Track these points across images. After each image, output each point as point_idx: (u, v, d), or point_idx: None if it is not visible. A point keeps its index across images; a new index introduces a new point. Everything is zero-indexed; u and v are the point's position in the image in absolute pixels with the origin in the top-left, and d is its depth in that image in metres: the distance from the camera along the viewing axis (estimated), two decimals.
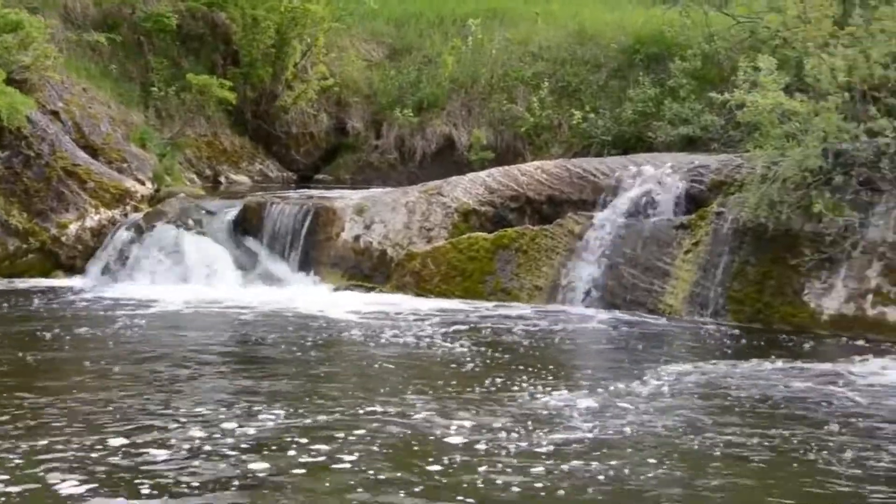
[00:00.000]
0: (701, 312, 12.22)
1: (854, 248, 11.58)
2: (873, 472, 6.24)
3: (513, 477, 6.01)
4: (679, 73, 15.16)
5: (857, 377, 9.02)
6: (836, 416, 7.59)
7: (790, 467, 6.35)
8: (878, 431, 7.21)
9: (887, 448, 6.72)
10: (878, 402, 8.09)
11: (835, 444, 6.78)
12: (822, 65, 11.68)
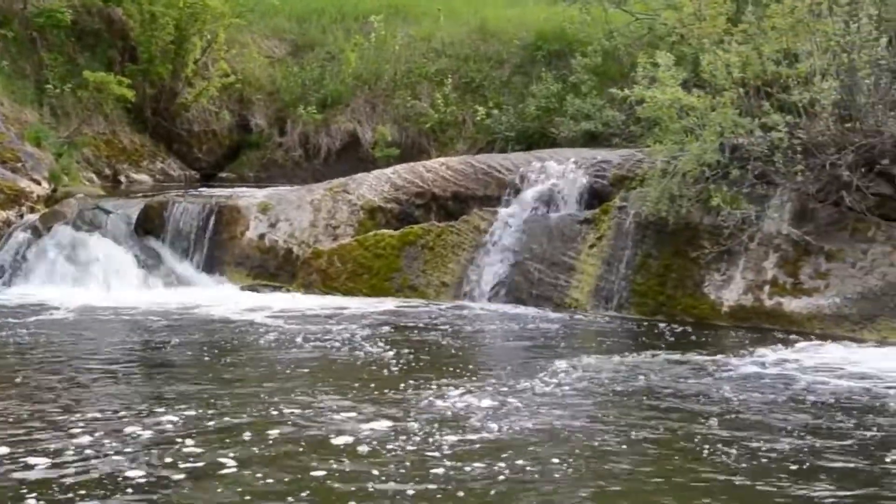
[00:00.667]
0: (606, 306, 12.39)
1: (751, 241, 11.87)
2: (764, 464, 6.28)
3: (408, 482, 5.82)
4: (580, 70, 15.34)
5: (752, 367, 9.17)
6: (731, 406, 7.66)
7: (688, 460, 6.36)
8: (769, 422, 7.29)
9: (780, 438, 6.86)
10: (772, 392, 8.21)
11: (729, 436, 6.81)
12: (718, 61, 11.93)
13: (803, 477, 5.96)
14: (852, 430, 7.00)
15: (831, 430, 7.02)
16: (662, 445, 6.63)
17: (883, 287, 11.10)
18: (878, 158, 11.40)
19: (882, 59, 11.32)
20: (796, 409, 7.59)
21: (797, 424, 7.13)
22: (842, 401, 7.85)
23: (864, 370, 9.07)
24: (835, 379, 8.73)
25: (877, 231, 11.47)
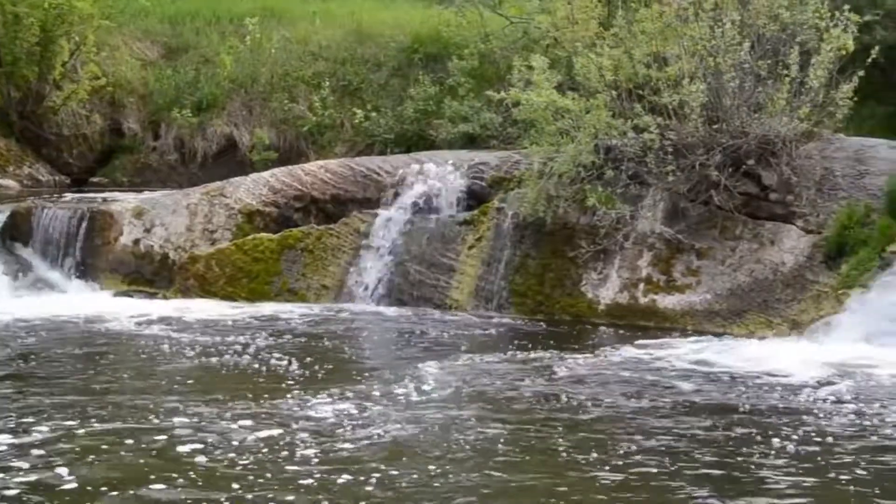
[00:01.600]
0: (486, 306, 12.49)
1: (626, 240, 12.13)
2: (626, 463, 6.27)
3: (272, 495, 5.57)
4: (457, 72, 15.42)
5: (624, 364, 9.32)
6: (602, 405, 7.72)
7: (553, 460, 6.34)
8: (637, 419, 7.35)
9: (649, 435, 6.97)
10: (642, 389, 8.31)
11: (602, 434, 6.86)
12: (591, 64, 12.17)
13: (667, 475, 5.98)
14: (718, 426, 7.13)
15: (698, 426, 7.12)
16: (531, 448, 6.55)
17: (751, 283, 11.47)
18: (744, 158, 11.78)
19: (745, 63, 11.70)
20: (664, 405, 7.66)
21: (665, 421, 7.20)
22: (708, 396, 8.02)
23: (731, 364, 9.31)
24: (703, 374, 8.92)
25: (744, 229, 11.85)
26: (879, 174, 11.43)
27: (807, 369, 9.00)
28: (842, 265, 11.00)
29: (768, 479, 5.82)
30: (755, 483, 5.75)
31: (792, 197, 11.71)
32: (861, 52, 11.99)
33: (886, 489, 5.65)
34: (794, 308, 11.08)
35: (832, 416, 7.34)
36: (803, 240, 11.49)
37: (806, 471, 5.96)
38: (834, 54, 11.47)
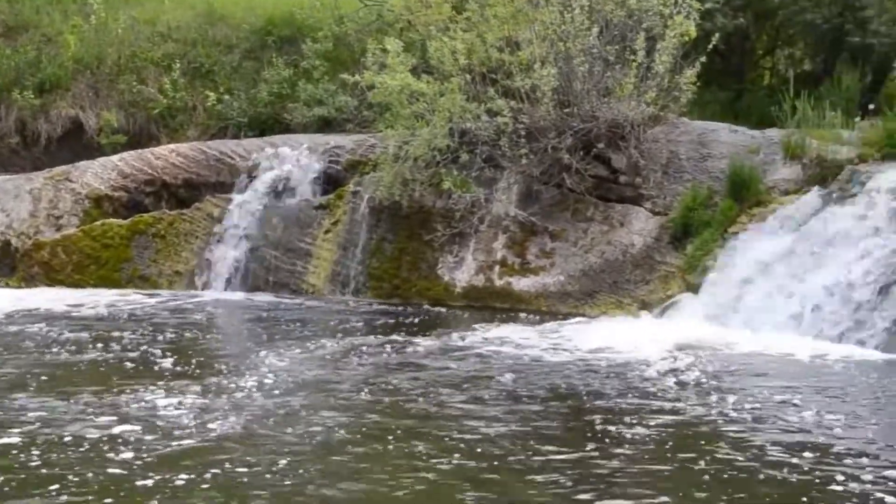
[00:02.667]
0: (343, 291, 12.41)
1: (481, 223, 12.22)
2: (476, 448, 6.18)
3: (108, 497, 5.19)
4: (311, 55, 15.20)
5: (476, 347, 9.27)
6: (449, 389, 7.62)
7: (391, 446, 6.17)
8: (484, 400, 7.31)
9: (498, 418, 7.05)
10: (491, 371, 8.28)
11: (443, 420, 6.72)
12: (444, 48, 12.18)
13: (513, 458, 5.91)
14: (565, 407, 7.20)
15: (546, 408, 7.11)
16: (377, 436, 6.30)
17: (602, 264, 11.71)
18: (595, 142, 12.01)
19: (594, 48, 11.91)
20: (510, 389, 7.57)
21: (510, 404, 7.14)
22: (556, 378, 8.02)
23: (581, 345, 9.42)
24: (553, 354, 8.97)
25: (595, 211, 12.09)
26: (721, 157, 11.81)
27: (654, 348, 9.20)
28: (687, 246, 11.33)
29: (618, 463, 5.91)
30: (605, 467, 5.81)
31: (640, 179, 12.00)
32: (703, 39, 12.35)
33: (737, 465, 5.81)
34: (643, 288, 11.37)
35: (680, 394, 7.52)
36: (651, 221, 11.79)
37: (655, 451, 6.07)
38: (678, 40, 11.78)
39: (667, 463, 5.80)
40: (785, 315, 10.06)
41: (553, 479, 5.46)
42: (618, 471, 5.63)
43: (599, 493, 5.24)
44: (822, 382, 8.08)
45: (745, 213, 11.24)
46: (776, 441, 6.19)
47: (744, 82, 16.07)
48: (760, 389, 7.69)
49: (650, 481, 5.45)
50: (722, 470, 5.63)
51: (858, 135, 11.36)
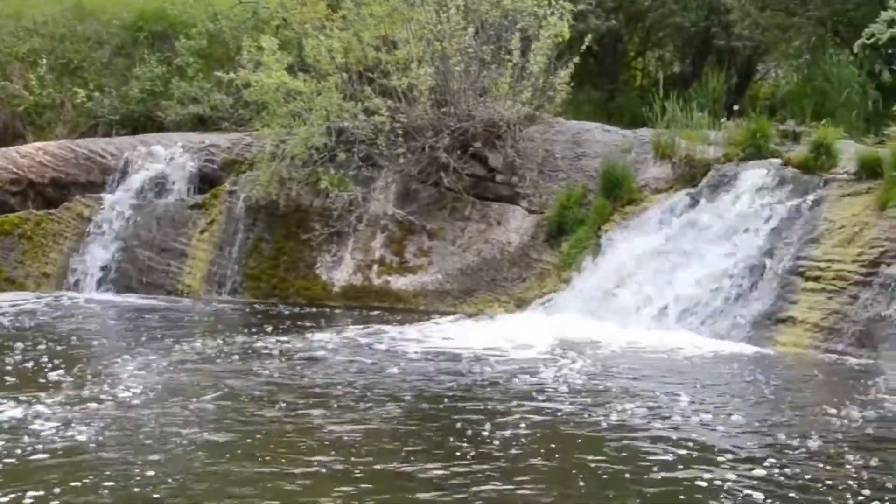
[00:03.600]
0: (219, 291, 12.18)
1: (359, 222, 12.15)
2: (350, 446, 6.08)
3: None
4: (185, 52, 14.86)
5: (352, 346, 9.18)
6: (324, 386, 7.52)
7: (260, 447, 6.00)
8: (358, 399, 7.18)
9: (374, 416, 6.98)
10: (365, 369, 8.21)
11: (320, 419, 6.56)
12: (321, 46, 12.06)
13: (390, 457, 5.84)
14: (440, 404, 7.20)
15: (421, 405, 7.06)
16: (239, 441, 6.05)
17: (479, 263, 11.77)
18: (472, 141, 12.06)
19: (470, 48, 11.96)
20: (386, 386, 7.45)
21: (387, 404, 7.01)
22: (432, 375, 7.98)
23: (458, 343, 9.42)
24: (429, 352, 8.93)
25: (473, 210, 12.14)
26: (595, 156, 11.99)
27: (530, 345, 9.28)
28: (562, 244, 11.48)
29: (496, 454, 5.92)
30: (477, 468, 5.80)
31: (516, 178, 12.10)
32: (577, 40, 12.54)
33: (609, 462, 5.88)
34: (520, 286, 11.46)
35: (554, 389, 7.58)
36: (527, 220, 11.90)
37: (529, 449, 6.10)
38: (552, 41, 11.91)
39: (542, 459, 5.83)
40: (657, 310, 10.27)
41: (426, 479, 5.43)
42: (491, 471, 5.62)
43: (469, 495, 5.23)
44: (692, 376, 8.27)
45: (618, 212, 11.44)
46: (649, 436, 6.29)
47: (617, 83, 16.41)
48: (633, 384, 7.82)
49: (525, 479, 5.46)
50: (596, 467, 5.68)
51: (724, 135, 11.68)
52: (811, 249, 9.93)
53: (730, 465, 5.67)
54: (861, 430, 6.47)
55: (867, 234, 9.69)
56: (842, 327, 9.21)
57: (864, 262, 9.47)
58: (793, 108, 13.11)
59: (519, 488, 5.28)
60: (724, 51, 15.49)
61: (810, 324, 9.42)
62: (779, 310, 9.69)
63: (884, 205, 9.71)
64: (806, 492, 5.23)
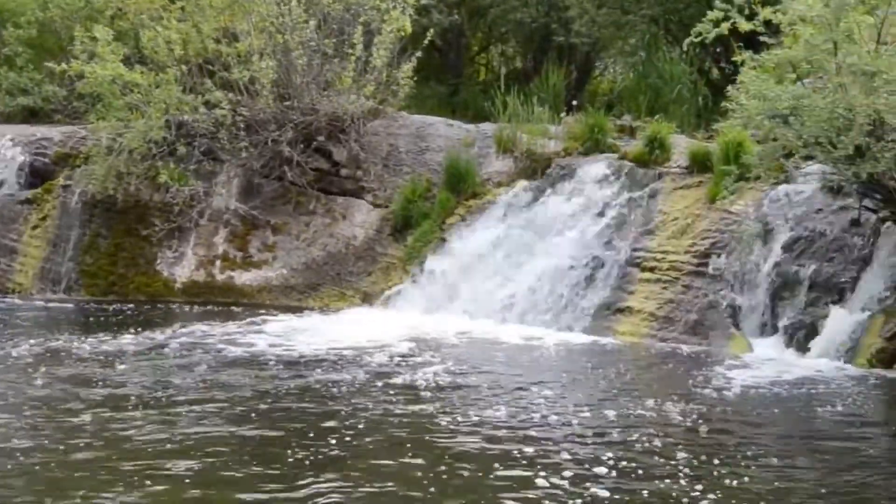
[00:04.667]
0: (53, 289, 11.66)
1: (201, 217, 11.81)
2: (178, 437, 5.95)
3: None
4: (13, 41, 14.13)
5: (192, 343, 8.82)
6: (160, 385, 7.21)
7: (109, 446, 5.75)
8: (194, 396, 6.93)
9: (211, 413, 6.76)
10: (200, 366, 7.91)
11: (151, 421, 6.23)
12: (158, 37, 11.64)
13: (226, 458, 5.60)
14: (285, 400, 7.04)
15: (265, 402, 6.95)
16: (63, 445, 5.68)
17: (325, 257, 11.60)
18: (315, 135, 11.87)
19: (312, 41, 11.75)
20: (224, 383, 7.17)
21: (215, 402, 6.73)
22: (276, 372, 7.74)
23: (303, 338, 9.22)
24: (272, 348, 8.68)
25: (317, 204, 11.96)
26: (439, 150, 11.98)
27: (376, 339, 9.17)
28: (408, 237, 11.42)
29: (343, 453, 5.79)
30: (321, 464, 5.68)
31: (361, 172, 11.98)
32: (420, 35, 12.48)
33: (455, 454, 5.83)
34: (366, 280, 11.35)
35: (400, 383, 7.50)
36: (373, 214, 11.80)
37: (372, 444, 6.01)
38: (395, 35, 11.82)
39: (385, 457, 5.74)
40: (500, 302, 10.34)
41: (259, 482, 5.27)
42: (334, 467, 5.50)
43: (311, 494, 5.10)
44: (534, 366, 8.35)
45: (462, 205, 11.45)
46: (493, 425, 6.28)
47: (461, 78, 16.48)
48: (477, 375, 7.82)
49: (370, 477, 5.37)
50: (439, 460, 5.63)
51: (564, 129, 11.85)
52: (647, 241, 10.17)
53: (574, 448, 5.70)
54: (693, 413, 6.63)
55: (698, 225, 9.99)
56: (676, 316, 9.47)
57: (696, 253, 9.77)
58: (629, 104, 13.42)
59: (358, 488, 5.16)
60: (564, 47, 15.73)
61: (647, 313, 9.65)
62: (617, 300, 9.90)
63: (713, 198, 10.02)
64: (643, 474, 5.31)
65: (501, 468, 5.46)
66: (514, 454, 5.70)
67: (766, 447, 6.05)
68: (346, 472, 5.41)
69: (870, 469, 5.68)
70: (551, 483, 5.19)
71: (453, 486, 5.23)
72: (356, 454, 5.76)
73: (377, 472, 5.46)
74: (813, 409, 6.95)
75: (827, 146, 8.35)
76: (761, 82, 8.71)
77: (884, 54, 8.26)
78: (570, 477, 5.27)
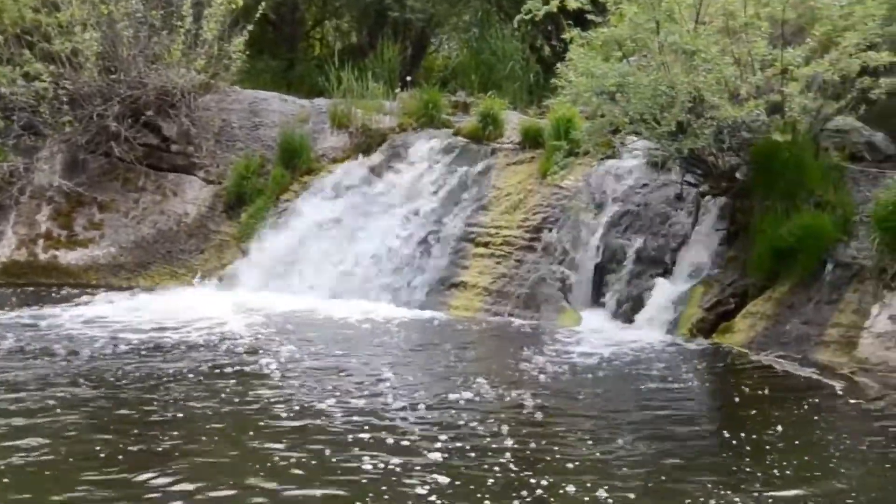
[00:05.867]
0: None
1: (22, 194, 11.10)
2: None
3: None
4: None
5: (12, 328, 8.30)
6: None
7: None
8: (23, 386, 6.54)
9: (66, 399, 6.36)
10: (40, 351, 7.49)
11: None
12: None
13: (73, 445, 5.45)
14: (112, 388, 6.69)
15: (94, 395, 6.56)
16: None
17: (155, 235, 11.09)
18: (144, 110, 11.30)
19: (138, 12, 11.16)
20: (40, 372, 6.86)
21: (32, 387, 6.37)
22: (110, 355, 7.43)
23: (132, 317, 8.80)
24: (101, 329, 8.28)
25: (147, 181, 11.42)
26: (273, 126, 11.62)
27: (211, 317, 8.83)
28: (241, 214, 11.04)
29: (169, 445, 5.48)
30: (161, 454, 5.37)
31: (192, 148, 11.50)
32: (253, 7, 12.02)
33: (293, 429, 5.61)
34: (199, 258, 10.92)
35: (238, 361, 7.21)
36: (205, 190, 11.35)
37: (211, 429, 5.73)
38: (225, 7, 11.33)
39: (215, 447, 5.47)
40: (336, 279, 10.11)
41: (85, 471, 4.93)
42: (160, 460, 5.20)
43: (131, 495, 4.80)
44: (368, 344, 8.17)
45: (296, 181, 11.15)
46: (324, 409, 6.08)
47: (295, 52, 16.03)
48: (312, 355, 7.58)
49: (198, 470, 5.09)
50: (270, 447, 5.40)
51: (399, 105, 11.67)
52: (481, 216, 10.12)
53: (404, 438, 5.56)
54: (522, 388, 6.59)
55: (530, 201, 10.00)
56: (509, 290, 9.46)
57: (528, 228, 9.78)
58: (463, 80, 13.35)
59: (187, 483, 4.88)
60: (399, 22, 15.51)
61: (481, 288, 9.61)
62: (452, 275, 9.82)
63: (545, 173, 10.04)
64: (475, 456, 5.21)
65: (333, 454, 5.26)
66: (346, 440, 5.51)
67: (589, 418, 6.07)
68: (174, 465, 5.10)
69: (686, 436, 5.76)
70: (380, 469, 5.03)
71: (274, 474, 5.01)
72: (185, 447, 5.44)
73: (206, 464, 5.18)
74: (636, 380, 7.04)
75: (651, 123, 8.46)
76: (589, 60, 8.73)
77: (702, 34, 8.41)
78: (401, 463, 5.11)
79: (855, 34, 8.20)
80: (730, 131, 8.57)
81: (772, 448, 5.47)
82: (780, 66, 8.32)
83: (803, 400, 6.51)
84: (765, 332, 8.02)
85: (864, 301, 7.63)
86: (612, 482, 4.88)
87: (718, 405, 6.72)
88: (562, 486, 4.83)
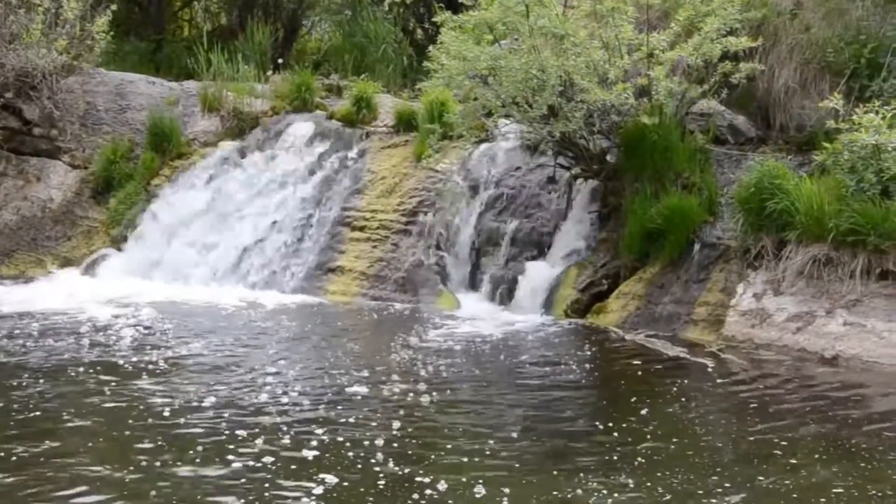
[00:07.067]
0: None
1: None
2: None
3: None
4: None
5: None
6: None
7: None
8: None
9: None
10: None
11: None
12: None
13: None
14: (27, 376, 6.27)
15: None
16: None
17: (18, 221, 10.50)
18: (3, 92, 10.66)
19: None
20: None
21: None
22: None
23: (6, 308, 8.28)
24: None
25: (8, 165, 10.79)
26: (141, 109, 11.11)
27: (73, 307, 8.35)
28: (110, 200, 10.54)
29: (28, 451, 5.11)
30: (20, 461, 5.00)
31: (56, 132, 10.90)
32: None
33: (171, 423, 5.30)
34: (65, 245, 10.37)
35: (111, 352, 6.82)
36: (71, 175, 10.79)
37: (73, 429, 5.37)
38: None
39: (83, 453, 5.12)
40: (209, 266, 9.75)
41: None
42: (20, 468, 4.83)
43: None
44: (244, 333, 7.84)
45: (167, 166, 10.69)
46: (197, 404, 5.78)
47: (163, 34, 15.41)
48: (187, 345, 7.24)
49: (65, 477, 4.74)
50: (159, 428, 5.08)
51: (271, 88, 11.31)
52: (356, 200, 9.89)
53: (281, 434, 5.32)
54: (406, 374, 6.43)
55: (406, 184, 9.82)
56: (386, 274, 9.27)
57: (404, 212, 9.60)
58: (335, 63, 13.05)
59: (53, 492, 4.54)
60: (270, 4, 15.07)
61: (357, 272, 9.39)
62: (329, 260, 9.57)
63: (419, 156, 9.87)
64: (351, 446, 5.02)
65: (201, 449, 4.98)
66: (223, 436, 5.23)
67: (467, 403, 5.96)
68: (36, 471, 4.74)
69: (561, 420, 5.70)
70: (258, 468, 4.78)
71: (146, 476, 4.71)
72: (49, 451, 5.07)
73: (74, 470, 4.83)
74: (514, 366, 6.94)
75: (523, 106, 8.38)
76: (461, 43, 8.59)
77: (570, 18, 8.37)
78: (271, 462, 4.87)
79: (716, 19, 8.30)
80: (600, 115, 8.57)
81: (640, 428, 5.44)
82: (647, 50, 8.36)
83: (673, 378, 6.53)
84: (637, 311, 8.06)
85: (730, 280, 7.74)
86: (491, 473, 4.76)
87: (592, 386, 6.67)
88: (440, 481, 4.68)
